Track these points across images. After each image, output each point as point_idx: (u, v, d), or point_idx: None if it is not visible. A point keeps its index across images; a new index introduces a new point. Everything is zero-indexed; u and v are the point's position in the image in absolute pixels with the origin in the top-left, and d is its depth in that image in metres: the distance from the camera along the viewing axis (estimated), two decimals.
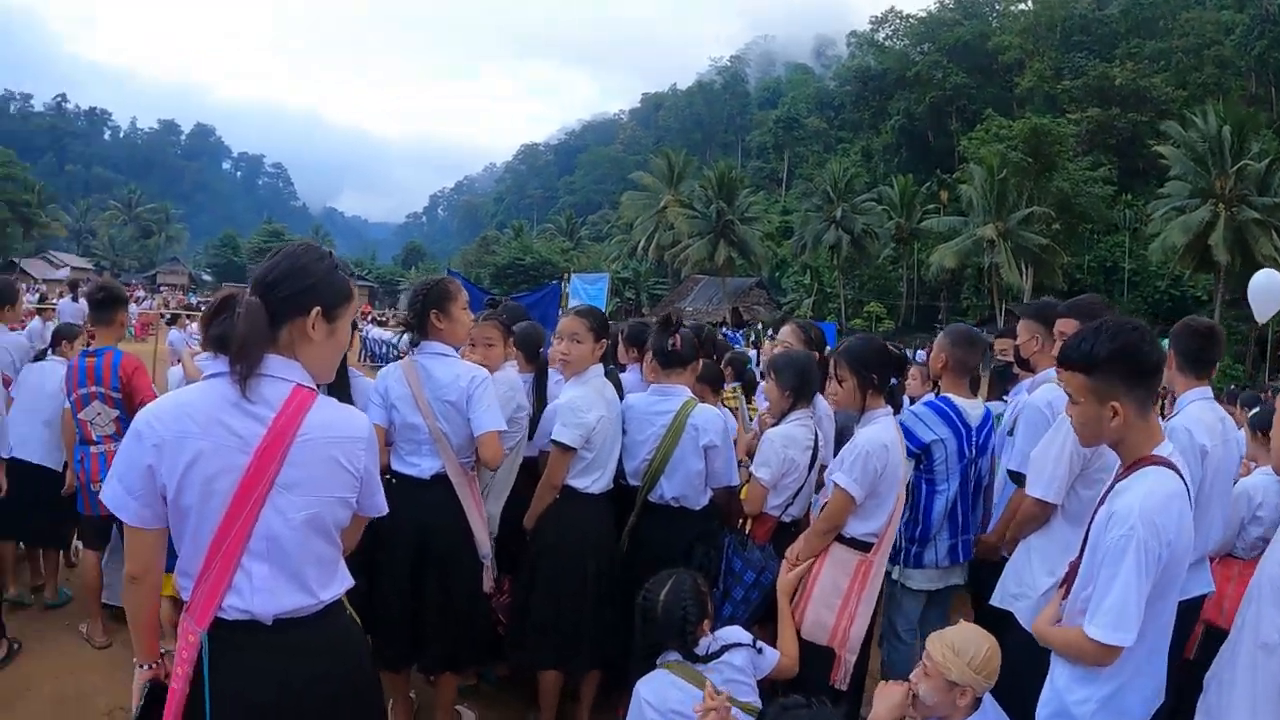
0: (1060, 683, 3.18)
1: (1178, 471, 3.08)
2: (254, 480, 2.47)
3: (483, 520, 4.82)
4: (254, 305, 2.49)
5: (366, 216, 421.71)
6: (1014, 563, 4.54)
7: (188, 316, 21.84)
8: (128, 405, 6.02)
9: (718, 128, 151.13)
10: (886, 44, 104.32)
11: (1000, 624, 4.16)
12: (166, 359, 16.67)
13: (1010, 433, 5.14)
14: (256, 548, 2.50)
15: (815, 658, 4.53)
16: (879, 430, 4.59)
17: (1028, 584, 4.34)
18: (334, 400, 2.74)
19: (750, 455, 5.47)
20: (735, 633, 4.22)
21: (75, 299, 23.17)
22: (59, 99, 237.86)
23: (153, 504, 2.49)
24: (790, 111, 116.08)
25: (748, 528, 5.25)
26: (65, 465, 6.58)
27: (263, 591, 2.50)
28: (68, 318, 20.24)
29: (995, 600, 4.51)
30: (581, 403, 4.91)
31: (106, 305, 6.24)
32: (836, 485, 4.53)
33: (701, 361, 5.59)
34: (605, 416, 5.01)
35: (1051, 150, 58.38)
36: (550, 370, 5.66)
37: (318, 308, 2.60)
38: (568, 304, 14.89)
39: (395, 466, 4.67)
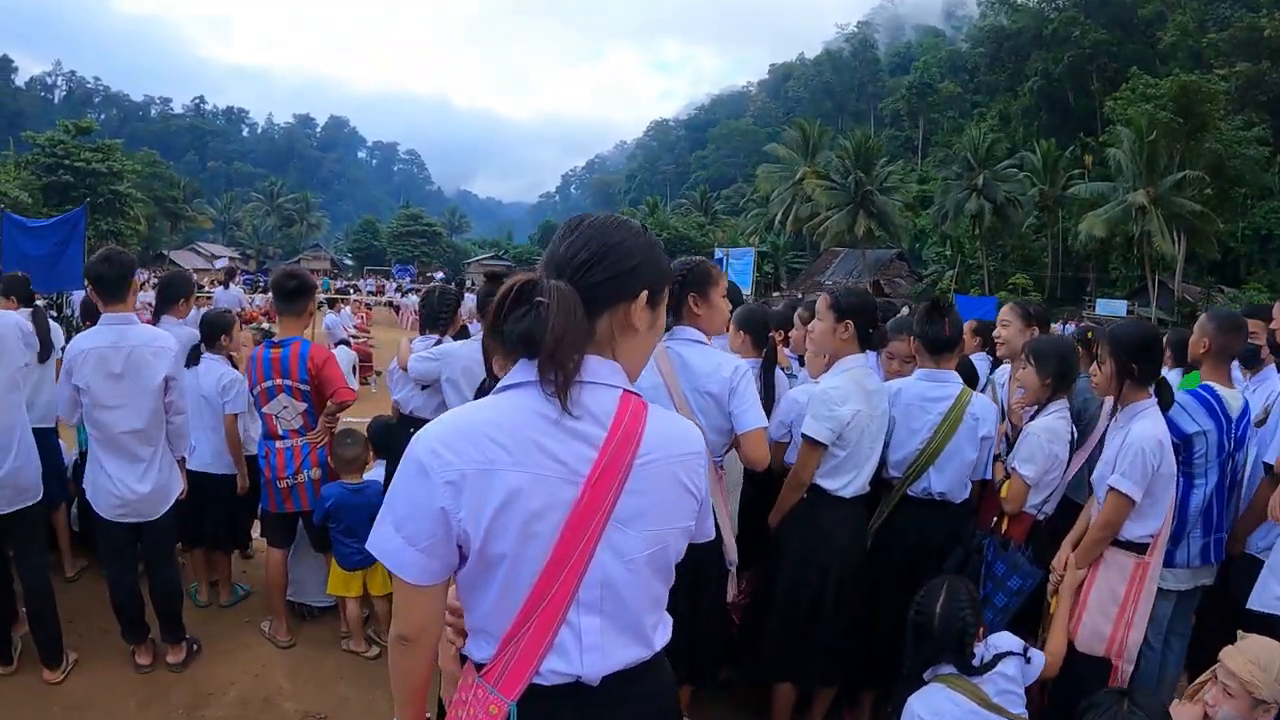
0: None
1: None
2: (585, 517, 1.91)
3: (731, 525, 4.39)
4: (567, 293, 1.90)
5: (500, 198, 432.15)
6: (1273, 565, 4.29)
7: (343, 301, 22.07)
8: (317, 398, 5.76)
9: (849, 96, 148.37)
10: (1019, 1, 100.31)
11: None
12: (325, 343, 16.70)
13: (1259, 424, 4.96)
14: (587, 598, 1.96)
15: (1089, 668, 4.32)
16: (1152, 425, 4.28)
17: None
18: (661, 407, 2.17)
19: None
20: (1007, 639, 3.94)
21: (228, 286, 23.56)
22: (197, 101, 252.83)
23: (443, 554, 1.94)
24: (923, 77, 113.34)
25: (1003, 527, 4.86)
26: (237, 472, 6.38)
27: (594, 650, 1.98)
28: (224, 306, 20.59)
29: (1256, 604, 4.25)
30: (836, 394, 4.48)
31: (298, 295, 5.84)
32: (1114, 490, 4.24)
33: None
34: (862, 412, 4.52)
35: (1203, 109, 55.04)
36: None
37: (645, 291, 2.04)
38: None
39: None
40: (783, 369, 5.68)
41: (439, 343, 6.15)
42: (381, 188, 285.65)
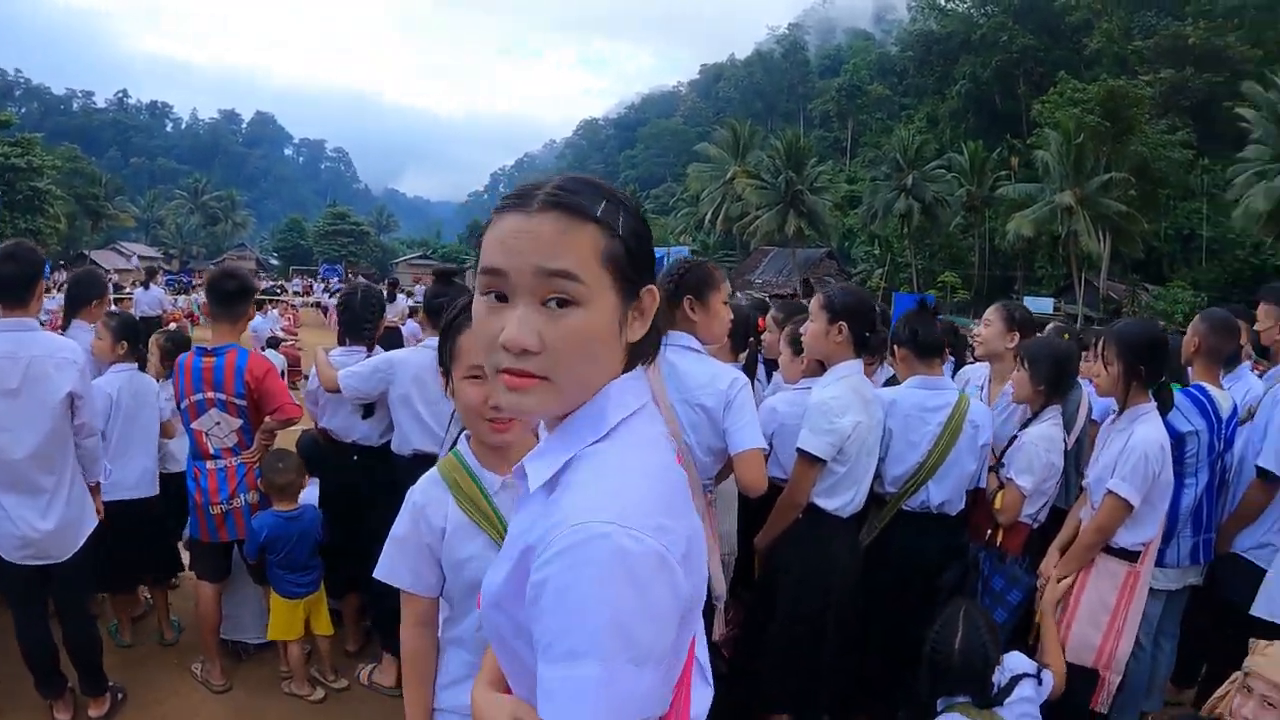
0: None
1: None
2: None
3: (719, 554, 4.04)
4: None
5: (428, 196, 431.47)
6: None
7: (271, 302, 21.32)
8: (254, 414, 5.09)
9: (779, 97, 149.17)
10: (949, 6, 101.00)
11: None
12: (250, 345, 16.10)
13: (1243, 421, 5.10)
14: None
15: (1076, 680, 4.22)
16: (1154, 430, 4.21)
17: None
18: None
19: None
20: (1020, 661, 3.79)
21: (148, 287, 22.78)
22: (120, 94, 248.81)
23: None
24: (852, 79, 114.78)
25: (998, 539, 4.68)
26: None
27: (708, 668, 1.60)
28: (144, 308, 19.88)
29: (1261, 612, 4.40)
30: (835, 405, 4.15)
31: (237, 298, 5.17)
32: (1112, 494, 4.14)
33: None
34: (862, 423, 4.21)
35: (1129, 113, 56.27)
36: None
37: None
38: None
39: None
40: None
41: (368, 355, 5.49)
42: (308, 185, 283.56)
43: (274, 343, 16.31)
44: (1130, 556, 4.30)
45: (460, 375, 2.37)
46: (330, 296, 44.56)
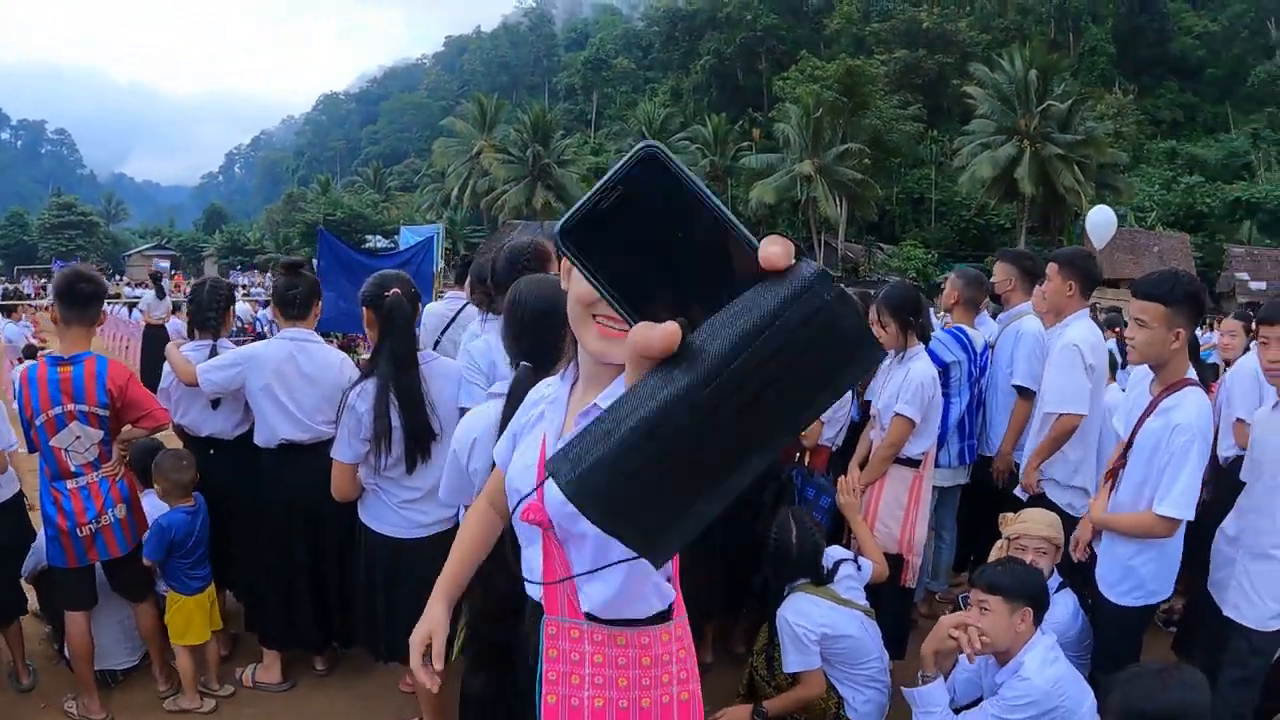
0: (1124, 554, 4.28)
1: (1203, 390, 4.21)
2: None
3: None
4: None
5: (159, 180, 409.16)
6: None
7: (21, 308, 19.92)
8: (115, 425, 4.73)
9: (524, 71, 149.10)
10: None
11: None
12: (4, 356, 14.68)
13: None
14: None
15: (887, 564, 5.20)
16: (925, 364, 5.33)
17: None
18: None
19: None
20: (838, 550, 4.87)
21: None
22: None
23: None
24: (599, 53, 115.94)
25: (806, 460, 5.84)
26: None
27: None
28: None
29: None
30: None
31: (92, 301, 4.76)
32: (900, 415, 5.23)
33: None
34: None
35: (864, 90, 60.81)
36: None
37: None
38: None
39: None
40: None
41: (214, 349, 5.34)
42: (28, 173, 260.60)
43: (30, 352, 14.75)
44: (914, 464, 5.41)
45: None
46: None
